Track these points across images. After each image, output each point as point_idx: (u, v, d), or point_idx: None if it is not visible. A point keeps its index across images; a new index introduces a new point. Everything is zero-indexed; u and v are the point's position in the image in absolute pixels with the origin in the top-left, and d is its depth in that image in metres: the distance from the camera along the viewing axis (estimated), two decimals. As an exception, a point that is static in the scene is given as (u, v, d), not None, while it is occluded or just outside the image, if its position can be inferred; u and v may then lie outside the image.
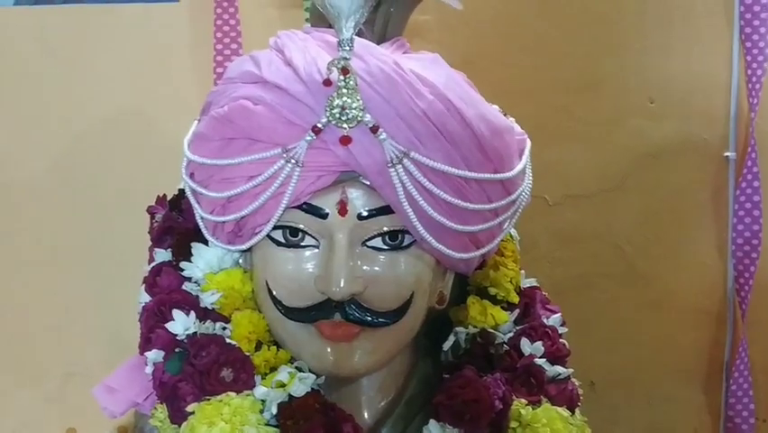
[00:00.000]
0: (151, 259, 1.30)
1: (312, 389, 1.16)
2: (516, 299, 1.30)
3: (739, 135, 1.67)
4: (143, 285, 1.27)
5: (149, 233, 1.32)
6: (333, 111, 1.08)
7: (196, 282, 1.23)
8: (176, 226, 1.28)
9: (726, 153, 1.69)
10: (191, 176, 1.21)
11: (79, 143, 1.71)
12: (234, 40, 1.57)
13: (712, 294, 1.74)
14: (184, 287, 1.23)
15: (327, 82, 1.08)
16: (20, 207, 1.76)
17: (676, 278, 1.72)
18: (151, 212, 1.33)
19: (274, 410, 1.14)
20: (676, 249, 1.71)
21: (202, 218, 1.21)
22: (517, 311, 1.30)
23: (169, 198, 1.32)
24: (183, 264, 1.24)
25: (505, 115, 1.22)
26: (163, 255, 1.28)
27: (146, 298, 1.25)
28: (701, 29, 1.72)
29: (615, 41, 1.72)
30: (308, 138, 1.09)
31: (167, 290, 1.23)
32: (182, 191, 1.29)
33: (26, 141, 1.73)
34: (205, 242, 1.24)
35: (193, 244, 1.24)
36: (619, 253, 1.72)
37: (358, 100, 1.08)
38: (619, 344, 1.75)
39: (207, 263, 1.23)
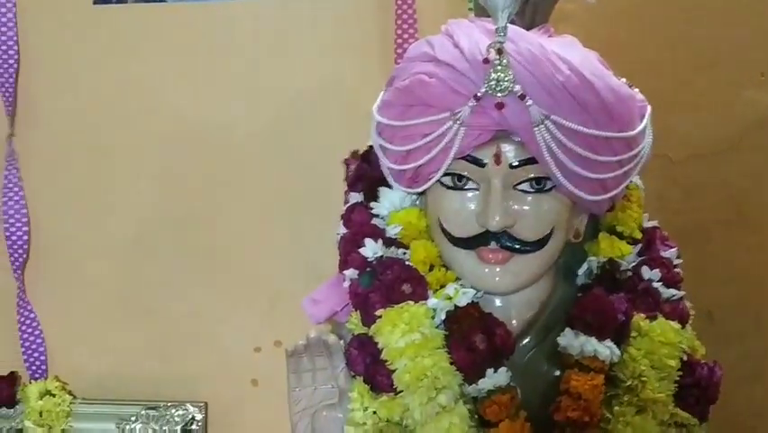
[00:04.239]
0: (346, 201, 1.51)
1: (472, 301, 1.35)
2: (639, 235, 1.44)
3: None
4: (341, 220, 1.48)
5: (344, 180, 1.53)
6: (491, 83, 1.25)
7: (381, 218, 1.44)
8: (366, 174, 1.47)
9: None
10: (379, 134, 1.39)
11: (289, 109, 1.85)
12: (411, 26, 1.71)
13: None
14: (372, 222, 1.44)
15: (486, 61, 1.26)
16: (239, 163, 1.90)
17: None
18: (347, 163, 1.53)
19: (443, 317, 1.34)
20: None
21: (387, 168, 1.40)
22: (640, 246, 1.44)
23: (360, 153, 1.51)
24: (372, 204, 1.45)
25: (630, 86, 1.34)
26: (356, 197, 1.48)
27: (343, 230, 1.46)
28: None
29: (730, 21, 1.80)
30: (471, 104, 1.26)
31: (359, 224, 1.44)
32: (370, 147, 1.48)
33: (247, 108, 1.88)
34: (390, 186, 1.43)
35: (380, 189, 1.44)
36: (733, 204, 1.80)
37: (510, 74, 1.25)
38: (734, 280, 1.83)
39: (391, 203, 1.43)
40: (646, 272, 1.43)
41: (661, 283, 1.44)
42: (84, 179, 1.90)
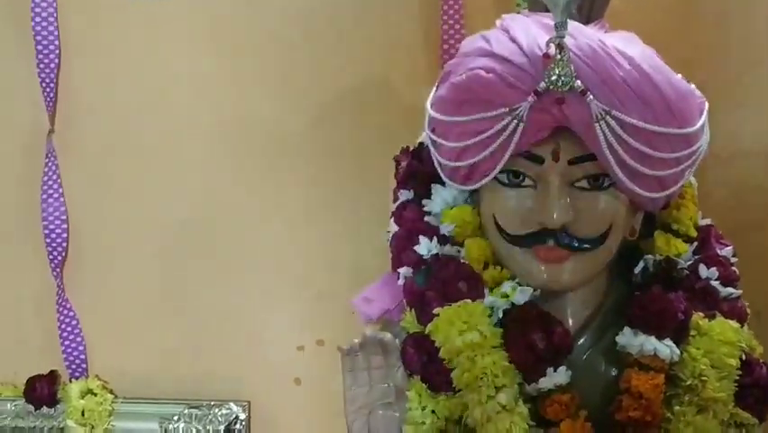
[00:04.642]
0: (396, 198, 1.50)
1: (530, 299, 1.34)
2: (694, 233, 1.43)
3: None
4: (391, 218, 1.47)
5: (394, 177, 1.51)
6: (551, 78, 1.24)
7: (434, 216, 1.42)
8: (418, 171, 1.45)
9: None
10: (433, 130, 1.38)
11: (332, 107, 1.84)
12: (458, 21, 1.70)
13: None
14: (425, 219, 1.43)
15: (546, 56, 1.24)
16: (281, 161, 1.89)
17: None
18: (397, 161, 1.51)
19: (500, 315, 1.33)
20: None
21: (440, 164, 1.39)
22: (695, 244, 1.43)
23: (411, 149, 1.50)
24: (424, 201, 1.44)
25: (687, 82, 1.33)
26: (406, 195, 1.47)
27: (395, 228, 1.46)
28: None
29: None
30: (530, 100, 1.25)
31: (412, 222, 1.43)
32: (421, 144, 1.48)
33: (288, 106, 1.87)
34: (442, 183, 1.42)
35: (432, 186, 1.43)
36: None
37: (571, 70, 1.24)
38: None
39: (444, 200, 1.42)
40: (703, 271, 1.42)
41: (718, 282, 1.42)
42: (123, 176, 1.88)
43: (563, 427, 1.32)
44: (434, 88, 1.43)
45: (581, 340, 1.39)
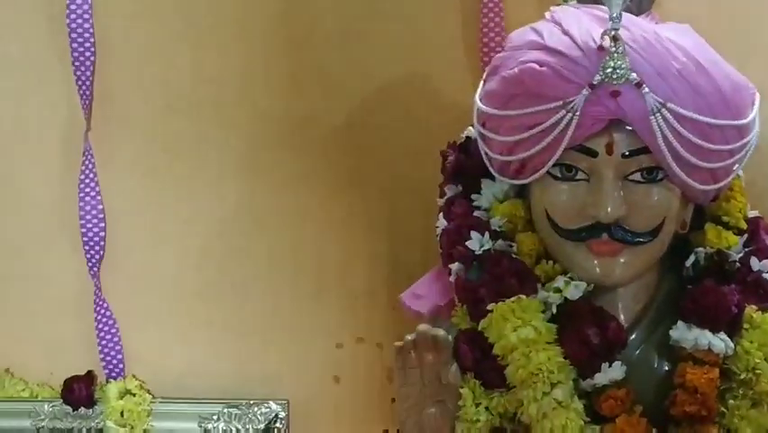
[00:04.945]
0: (442, 193, 1.49)
1: (583, 294, 1.34)
2: (744, 225, 1.42)
3: None
4: (440, 213, 1.47)
5: (441, 172, 1.51)
6: (607, 71, 1.24)
7: (483, 210, 1.42)
8: (466, 166, 1.45)
9: None
10: (483, 124, 1.38)
11: (373, 103, 1.80)
12: (497, 14, 1.68)
13: None
14: (474, 214, 1.43)
15: (600, 48, 1.25)
16: (321, 158, 1.84)
17: None
18: (444, 155, 1.51)
19: (554, 310, 1.33)
20: None
21: (490, 158, 1.39)
22: (746, 236, 1.42)
23: (459, 144, 1.50)
24: (473, 196, 1.43)
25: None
26: (454, 189, 1.47)
27: (443, 223, 1.45)
28: None
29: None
30: (585, 93, 1.24)
31: (462, 216, 1.42)
32: (468, 138, 1.48)
33: (330, 102, 1.82)
34: (491, 178, 1.42)
35: (482, 180, 1.43)
36: None
37: (626, 62, 1.24)
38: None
39: (494, 195, 1.42)
40: (755, 263, 1.41)
41: None
42: (162, 173, 1.86)
43: (620, 422, 1.31)
44: (482, 82, 1.43)
45: (633, 335, 1.38)
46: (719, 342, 1.33)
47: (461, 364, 1.35)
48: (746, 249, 1.43)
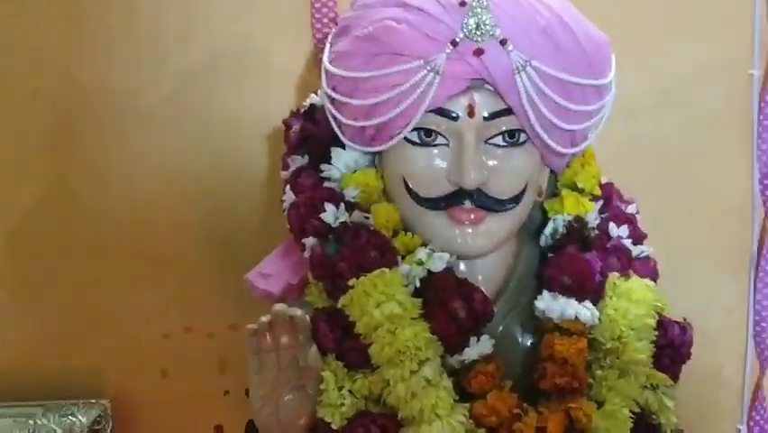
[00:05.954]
0: (285, 165, 1.41)
1: (447, 266, 1.28)
2: (599, 192, 1.41)
3: (763, 54, 1.73)
4: (285, 186, 1.37)
5: (284, 142, 1.43)
6: (469, 27, 1.20)
7: (334, 181, 1.34)
8: (312, 135, 1.38)
9: (751, 71, 1.73)
10: (334, 88, 1.30)
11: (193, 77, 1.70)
12: None
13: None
14: (324, 185, 1.34)
15: (462, 3, 1.21)
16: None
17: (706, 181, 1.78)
18: (287, 124, 1.43)
19: (417, 284, 1.27)
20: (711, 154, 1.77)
21: (341, 126, 1.32)
22: (601, 202, 1.41)
23: (302, 111, 1.42)
24: (322, 166, 1.35)
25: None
26: (299, 161, 1.39)
27: (291, 196, 1.36)
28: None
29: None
30: (447, 51, 1.20)
31: (311, 188, 1.34)
32: (312, 105, 1.40)
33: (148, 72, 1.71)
34: (341, 146, 1.35)
35: (332, 149, 1.35)
36: (660, 162, 1.76)
37: (490, 18, 1.20)
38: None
39: (345, 164, 1.34)
40: (614, 230, 1.40)
41: (629, 240, 1.41)
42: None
43: (491, 398, 1.25)
44: (328, 45, 1.35)
45: (496, 307, 1.33)
46: (586, 311, 1.30)
47: (320, 346, 1.26)
48: (602, 215, 1.42)
